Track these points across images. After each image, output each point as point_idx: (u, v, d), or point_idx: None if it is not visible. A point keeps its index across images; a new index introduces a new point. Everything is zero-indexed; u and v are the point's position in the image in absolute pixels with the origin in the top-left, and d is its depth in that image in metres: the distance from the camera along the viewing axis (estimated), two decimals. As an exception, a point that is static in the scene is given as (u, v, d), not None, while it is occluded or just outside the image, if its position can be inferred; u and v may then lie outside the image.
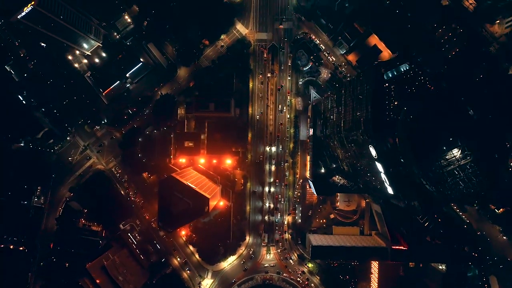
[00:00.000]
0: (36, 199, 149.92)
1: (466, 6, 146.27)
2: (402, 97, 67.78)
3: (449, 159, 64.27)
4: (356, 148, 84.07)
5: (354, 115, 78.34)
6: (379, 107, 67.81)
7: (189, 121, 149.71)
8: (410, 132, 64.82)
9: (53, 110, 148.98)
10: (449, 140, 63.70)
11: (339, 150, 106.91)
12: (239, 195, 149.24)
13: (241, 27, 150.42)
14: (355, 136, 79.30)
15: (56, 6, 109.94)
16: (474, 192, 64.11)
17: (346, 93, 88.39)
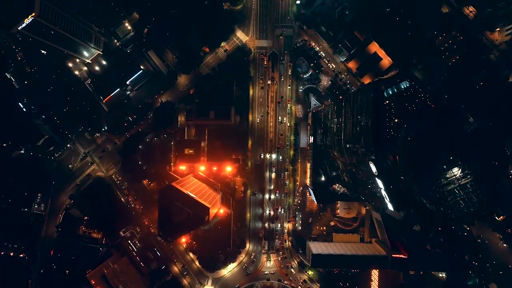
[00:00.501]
0: (36, 206, 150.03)
1: (466, 14, 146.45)
2: (402, 114, 67.85)
3: (449, 177, 64.32)
4: (356, 161, 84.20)
5: (354, 129, 78.45)
6: (379, 124, 67.85)
7: (189, 128, 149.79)
8: (410, 150, 64.84)
9: (53, 117, 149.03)
10: (449, 159, 63.74)
11: (339, 161, 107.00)
12: (239, 202, 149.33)
13: (241, 34, 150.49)
14: (355, 148, 79.39)
15: (56, 17, 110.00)
16: (475, 212, 64.10)
17: (346, 106, 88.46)
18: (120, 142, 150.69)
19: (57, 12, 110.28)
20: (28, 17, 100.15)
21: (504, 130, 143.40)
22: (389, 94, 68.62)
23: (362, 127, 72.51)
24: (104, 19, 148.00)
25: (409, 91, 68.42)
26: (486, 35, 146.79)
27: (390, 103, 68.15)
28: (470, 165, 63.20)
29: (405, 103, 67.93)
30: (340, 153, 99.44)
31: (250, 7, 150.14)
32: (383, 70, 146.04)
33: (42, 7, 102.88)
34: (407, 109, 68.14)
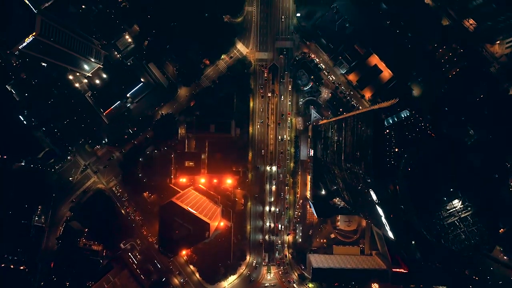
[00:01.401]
0: (37, 219, 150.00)
1: (467, 26, 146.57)
2: (402, 143, 67.92)
3: (449, 209, 64.28)
4: (356, 183, 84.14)
5: (355, 153, 78.50)
6: (379, 154, 67.84)
7: (189, 141, 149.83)
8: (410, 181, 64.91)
9: (53, 130, 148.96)
10: (450, 191, 63.77)
11: (339, 179, 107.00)
12: (240, 214, 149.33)
13: (241, 46, 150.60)
14: (355, 169, 79.37)
15: (57, 34, 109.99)
16: (475, 244, 64.07)
17: (347, 127, 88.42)
18: (121, 155, 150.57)
19: (58, 29, 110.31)
20: (29, 37, 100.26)
21: (504, 142, 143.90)
22: (389, 123, 68.73)
23: (363, 153, 72.55)
24: (104, 31, 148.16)
25: (409, 120, 68.50)
26: (487, 48, 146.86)
27: (390, 132, 68.26)
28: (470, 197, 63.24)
29: (405, 132, 68.02)
30: (340, 171, 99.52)
31: (251, 20, 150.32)
32: (384, 82, 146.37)
33: (42, 26, 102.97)
34: (407, 138, 68.22)
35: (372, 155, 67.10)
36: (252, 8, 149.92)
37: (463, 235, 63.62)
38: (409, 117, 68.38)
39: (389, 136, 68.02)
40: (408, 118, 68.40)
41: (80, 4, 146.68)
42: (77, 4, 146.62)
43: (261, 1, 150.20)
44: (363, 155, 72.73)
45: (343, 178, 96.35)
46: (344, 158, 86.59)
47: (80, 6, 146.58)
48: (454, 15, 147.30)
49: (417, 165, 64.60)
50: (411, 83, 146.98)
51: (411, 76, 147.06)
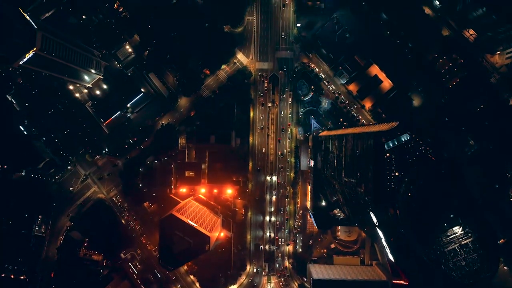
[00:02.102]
0: (37, 228, 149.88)
1: (467, 37, 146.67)
2: (403, 167, 67.96)
3: (450, 236, 64.33)
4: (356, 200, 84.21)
5: (355, 173, 78.54)
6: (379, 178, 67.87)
7: (190, 151, 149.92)
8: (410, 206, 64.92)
9: (54, 140, 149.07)
10: (450, 217, 63.79)
11: (339, 194, 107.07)
12: (240, 224, 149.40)
13: (242, 56, 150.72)
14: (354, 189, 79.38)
15: (57, 48, 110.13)
16: (476, 271, 64.00)
17: (347, 145, 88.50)
18: (121, 164, 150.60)
19: (58, 43, 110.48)
20: (29, 52, 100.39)
21: (504, 153, 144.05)
22: (390, 146, 68.75)
23: (363, 175, 72.54)
24: (105, 41, 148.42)
25: (410, 143, 68.55)
26: (487, 58, 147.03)
27: (390, 156, 68.30)
28: (471, 224, 63.27)
29: (406, 156, 68.09)
30: (340, 185, 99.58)
31: (251, 30, 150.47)
32: (384, 92, 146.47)
33: (43, 41, 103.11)
34: (407, 162, 68.28)
35: (373, 180, 67.19)
36: (253, 18, 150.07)
37: (464, 261, 63.64)
38: (409, 141, 68.34)
39: (390, 160, 68.13)
40: (408, 141, 68.32)
41: (81, 14, 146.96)
42: (77, 15, 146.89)
43: (261, 11, 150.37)
44: (363, 176, 72.77)
45: (343, 193, 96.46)
46: (344, 175, 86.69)
47: (81, 17, 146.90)
48: (454, 26, 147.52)
49: (418, 190, 64.68)
50: (411, 93, 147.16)
51: (411, 87, 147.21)
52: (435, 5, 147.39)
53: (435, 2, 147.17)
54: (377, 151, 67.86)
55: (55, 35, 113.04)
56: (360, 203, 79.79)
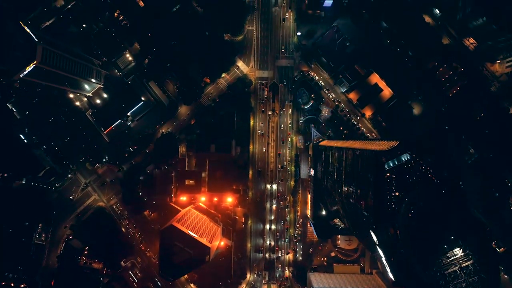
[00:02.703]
0: (37, 237, 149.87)
1: (467, 45, 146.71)
2: (403, 187, 68.01)
3: (450, 257, 64.37)
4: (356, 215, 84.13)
5: (356, 190, 78.47)
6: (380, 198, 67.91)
7: (190, 159, 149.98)
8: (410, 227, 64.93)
9: (54, 148, 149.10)
10: (450, 239, 63.83)
11: (339, 206, 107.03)
12: (240, 233, 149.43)
13: (242, 65, 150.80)
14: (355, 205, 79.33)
15: (58, 60, 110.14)
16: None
17: (347, 160, 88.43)
18: (121, 173, 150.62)
19: (59, 55, 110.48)
20: (30, 65, 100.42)
21: (504, 161, 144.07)
22: (390, 166, 68.79)
23: (363, 192, 72.51)
24: (105, 50, 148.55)
25: (410, 163, 68.59)
26: (487, 67, 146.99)
27: (391, 175, 68.33)
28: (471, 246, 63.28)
29: (406, 176, 68.13)
30: (340, 198, 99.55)
31: (251, 38, 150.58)
32: (384, 101, 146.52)
33: (43, 54, 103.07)
34: (408, 182, 68.31)
35: (373, 199, 67.14)
36: (253, 27, 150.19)
37: (464, 283, 63.67)
38: (409, 161, 68.37)
39: (390, 180, 68.19)
40: (409, 161, 68.37)
41: (81, 23, 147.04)
42: (78, 23, 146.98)
43: (261, 19, 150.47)
44: (363, 193, 72.75)
45: (343, 206, 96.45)
46: (344, 190, 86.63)
47: (81, 25, 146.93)
48: (455, 34, 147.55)
49: (418, 212, 64.70)
50: (411, 101, 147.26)
51: (412, 95, 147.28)
52: (435, 13, 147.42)
53: (435, 11, 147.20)
54: (377, 171, 67.96)
55: (56, 47, 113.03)
56: (360, 219, 79.83)
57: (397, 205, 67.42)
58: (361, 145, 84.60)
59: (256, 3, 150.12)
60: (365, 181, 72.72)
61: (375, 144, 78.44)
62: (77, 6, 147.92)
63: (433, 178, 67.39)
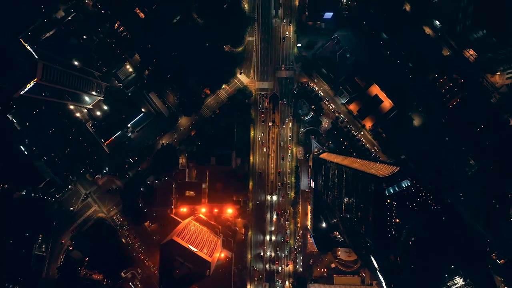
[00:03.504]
0: (37, 248, 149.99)
1: (467, 57, 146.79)
2: (403, 214, 67.99)
3: (451, 286, 64.36)
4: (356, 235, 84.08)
5: (356, 212, 78.45)
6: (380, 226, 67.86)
7: (190, 170, 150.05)
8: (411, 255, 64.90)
9: (54, 159, 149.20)
10: (451, 268, 63.82)
11: (339, 223, 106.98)
12: (240, 244, 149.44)
13: (242, 76, 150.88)
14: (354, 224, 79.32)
15: (58, 75, 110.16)
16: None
17: (347, 179, 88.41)
18: (121, 184, 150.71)
19: (59, 70, 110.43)
20: (30, 82, 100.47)
21: (505, 173, 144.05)
22: (390, 192, 68.83)
23: (363, 216, 72.47)
24: (105, 61, 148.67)
25: (410, 190, 68.63)
26: (487, 78, 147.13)
27: (391, 202, 68.33)
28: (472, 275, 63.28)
29: (406, 202, 68.15)
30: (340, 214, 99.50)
31: (251, 49, 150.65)
32: (384, 112, 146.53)
33: (44, 71, 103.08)
34: (408, 209, 68.32)
35: (373, 225, 67.15)
36: (253, 38, 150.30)
37: (465, 313, 63.73)
38: (410, 187, 68.45)
39: (390, 206, 68.19)
40: (409, 188, 68.46)
41: (81, 34, 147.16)
42: (78, 35, 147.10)
43: (261, 31, 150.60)
44: (364, 217, 72.77)
45: (343, 224, 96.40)
46: (344, 210, 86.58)
47: (81, 37, 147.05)
48: (455, 45, 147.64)
49: (419, 239, 64.75)
50: (411, 113, 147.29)
51: (412, 106, 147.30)
52: (435, 25, 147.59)
53: (436, 22, 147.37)
54: (378, 197, 67.98)
55: (56, 62, 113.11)
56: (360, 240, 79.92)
57: (397, 232, 67.43)
58: (361, 165, 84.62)
59: (256, 14, 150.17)
60: (366, 205, 72.75)
61: (375, 166, 78.56)
62: (77, 18, 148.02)
63: (433, 204, 67.47)
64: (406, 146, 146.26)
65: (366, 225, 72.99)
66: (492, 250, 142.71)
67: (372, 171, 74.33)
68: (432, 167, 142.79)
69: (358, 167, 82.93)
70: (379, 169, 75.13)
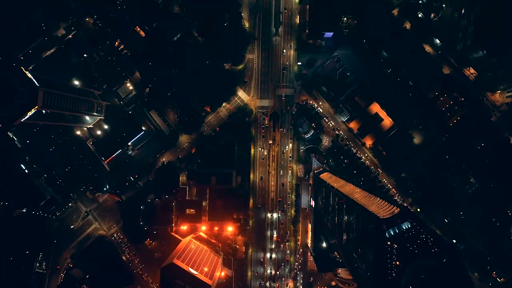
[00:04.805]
0: (38, 265, 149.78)
1: (467, 75, 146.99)
2: (404, 257, 68.05)
3: None
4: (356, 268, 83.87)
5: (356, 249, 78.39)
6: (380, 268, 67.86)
7: (190, 188, 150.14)
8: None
9: (55, 177, 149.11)
10: None
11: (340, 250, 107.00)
12: (241, 261, 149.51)
13: (242, 93, 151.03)
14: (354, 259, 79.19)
15: (59, 101, 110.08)
16: None
17: (348, 211, 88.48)
18: (122, 202, 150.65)
19: (59, 95, 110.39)
20: (31, 110, 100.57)
21: (505, 191, 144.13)
22: (391, 234, 68.90)
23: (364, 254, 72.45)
24: (106, 79, 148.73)
25: (411, 231, 68.68)
26: (487, 96, 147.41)
27: (391, 244, 68.36)
28: None
29: (407, 244, 68.21)
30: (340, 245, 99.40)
31: (252, 67, 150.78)
32: (385, 130, 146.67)
33: (45, 98, 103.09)
34: (408, 251, 68.40)
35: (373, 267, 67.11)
36: (253, 56, 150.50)
37: None
38: (410, 229, 68.50)
39: (391, 248, 68.25)
40: (409, 230, 68.51)
41: (82, 52, 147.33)
42: (78, 53, 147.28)
43: (262, 48, 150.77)
44: (364, 254, 72.78)
45: (344, 253, 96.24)
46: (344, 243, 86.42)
47: (82, 55, 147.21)
48: (455, 64, 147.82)
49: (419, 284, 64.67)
50: (412, 131, 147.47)
51: (412, 124, 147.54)
52: (435, 43, 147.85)
53: (436, 41, 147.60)
54: (378, 239, 68.02)
55: (56, 86, 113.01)
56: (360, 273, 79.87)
57: (398, 275, 67.47)
58: (361, 197, 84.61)
59: (256, 32, 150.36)
60: (366, 244, 72.75)
61: (375, 202, 78.53)
62: (78, 36, 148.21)
63: (433, 247, 67.52)
64: (407, 164, 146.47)
65: (366, 264, 73.07)
66: (492, 269, 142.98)
67: (373, 208, 74.39)
68: (433, 185, 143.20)
69: (358, 200, 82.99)
70: (379, 206, 75.16)
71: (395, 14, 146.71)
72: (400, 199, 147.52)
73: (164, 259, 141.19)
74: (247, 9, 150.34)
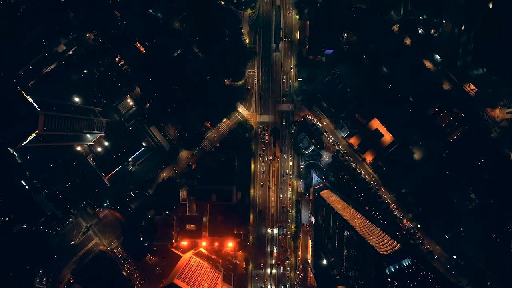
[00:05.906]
0: (38, 281, 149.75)
1: (468, 91, 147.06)
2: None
3: None
4: None
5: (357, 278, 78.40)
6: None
7: (191, 204, 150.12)
8: None
9: (55, 193, 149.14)
10: None
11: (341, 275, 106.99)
12: (241, 277, 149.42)
13: (243, 109, 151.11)
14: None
15: (59, 122, 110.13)
16: None
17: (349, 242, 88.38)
18: (122, 218, 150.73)
19: (60, 117, 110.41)
20: (32, 134, 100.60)
21: (505, 207, 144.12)
22: (391, 271, 68.93)
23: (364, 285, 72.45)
24: (106, 94, 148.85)
25: (411, 268, 68.72)
26: (488, 112, 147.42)
27: (392, 281, 68.41)
28: None
29: (407, 281, 68.23)
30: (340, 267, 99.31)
31: (252, 83, 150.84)
32: (385, 146, 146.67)
33: (45, 121, 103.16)
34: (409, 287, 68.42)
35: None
36: (254, 72, 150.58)
37: None
38: (410, 266, 68.53)
39: (391, 285, 68.26)
40: (410, 267, 68.55)
41: (82, 68, 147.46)
42: (79, 68, 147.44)
43: (262, 64, 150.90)
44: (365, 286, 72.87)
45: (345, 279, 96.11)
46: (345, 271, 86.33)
47: (82, 71, 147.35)
48: (455, 79, 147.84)
49: None
50: (412, 147, 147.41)
51: (412, 140, 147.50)
52: (435, 59, 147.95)
53: (436, 57, 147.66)
54: (378, 275, 68.05)
55: (56, 108, 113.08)
56: None
57: (399, 312, 67.71)
58: (361, 226, 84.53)
59: (257, 48, 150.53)
60: (366, 277, 72.68)
61: (376, 234, 78.54)
62: (78, 52, 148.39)
63: (434, 284, 67.51)
64: (407, 180, 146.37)
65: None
66: (492, 284, 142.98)
67: (373, 241, 74.44)
68: (433, 201, 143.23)
69: (358, 228, 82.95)
70: (380, 239, 75.18)
71: (395, 30, 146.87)
72: (400, 215, 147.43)
73: (164, 274, 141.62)
74: (248, 25, 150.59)
